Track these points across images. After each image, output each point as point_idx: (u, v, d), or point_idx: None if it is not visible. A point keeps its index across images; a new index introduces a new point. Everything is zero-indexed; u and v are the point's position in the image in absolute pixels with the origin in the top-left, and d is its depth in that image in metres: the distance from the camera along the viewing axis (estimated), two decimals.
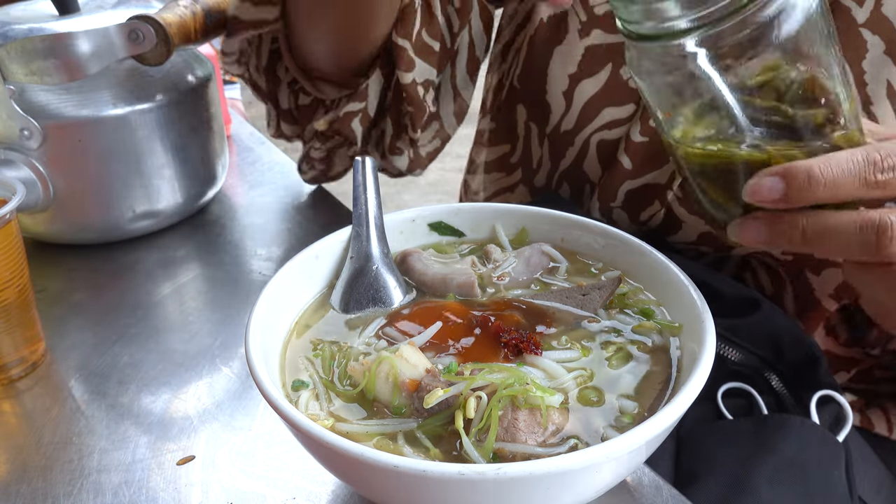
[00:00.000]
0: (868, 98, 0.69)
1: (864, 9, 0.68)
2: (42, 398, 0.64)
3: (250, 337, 0.48)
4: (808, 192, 0.48)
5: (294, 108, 0.93)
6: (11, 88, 0.76)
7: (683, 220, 0.78)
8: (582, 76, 0.80)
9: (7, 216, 0.62)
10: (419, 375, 0.47)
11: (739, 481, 0.62)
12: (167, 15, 0.76)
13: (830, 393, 0.68)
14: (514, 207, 0.64)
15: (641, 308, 0.55)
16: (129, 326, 0.73)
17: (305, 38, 0.84)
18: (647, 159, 0.78)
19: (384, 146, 0.91)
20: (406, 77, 0.83)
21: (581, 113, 0.81)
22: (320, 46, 0.85)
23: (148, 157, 0.83)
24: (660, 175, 0.78)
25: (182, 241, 0.88)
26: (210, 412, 0.62)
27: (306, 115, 0.93)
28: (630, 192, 0.80)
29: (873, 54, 0.68)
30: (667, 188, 0.78)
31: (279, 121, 0.94)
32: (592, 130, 0.81)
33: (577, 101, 0.81)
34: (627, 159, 0.78)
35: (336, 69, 0.86)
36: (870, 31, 0.68)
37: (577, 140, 0.82)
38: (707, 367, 0.45)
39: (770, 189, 0.48)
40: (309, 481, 0.54)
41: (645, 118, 0.76)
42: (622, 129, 0.79)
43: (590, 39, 0.78)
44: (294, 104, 0.93)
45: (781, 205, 0.49)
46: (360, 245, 0.59)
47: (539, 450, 0.44)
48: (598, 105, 0.80)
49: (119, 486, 0.55)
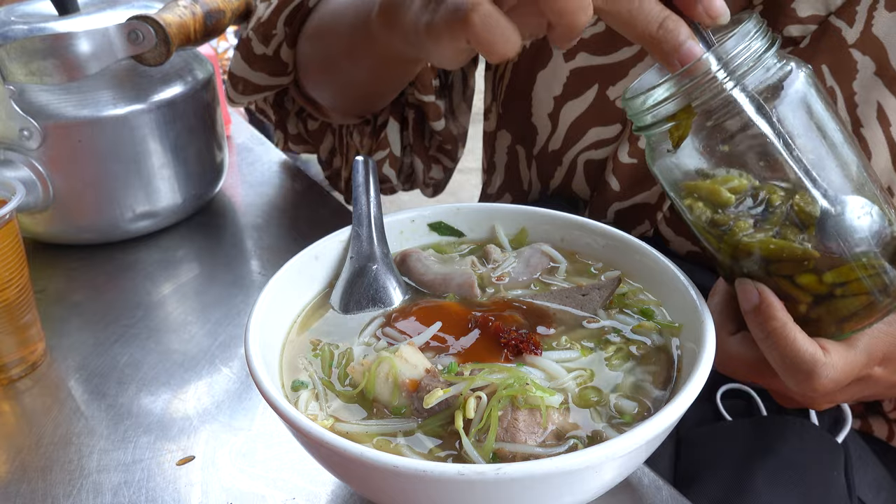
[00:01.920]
0: (858, 120, 0.67)
1: (854, 29, 0.66)
2: (42, 398, 0.64)
3: (250, 337, 0.48)
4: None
5: (304, 132, 0.99)
6: (11, 88, 0.76)
7: (670, 239, 0.78)
8: (567, 97, 0.79)
9: (7, 216, 0.62)
10: (419, 375, 0.47)
11: (739, 482, 0.62)
12: (167, 15, 0.76)
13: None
14: (513, 207, 0.64)
15: (641, 308, 0.55)
16: (129, 326, 0.73)
17: (320, 98, 0.90)
18: (636, 181, 0.77)
19: (417, 181, 0.97)
20: (438, 125, 0.89)
21: (567, 133, 0.80)
22: (334, 104, 0.89)
23: (148, 157, 0.83)
24: (649, 196, 0.78)
25: (182, 241, 0.88)
26: (210, 412, 0.62)
27: (317, 137, 0.98)
28: (620, 212, 0.80)
29: (863, 75, 0.66)
30: (656, 209, 0.78)
31: (287, 141, 1.00)
32: (579, 150, 0.80)
33: (563, 122, 0.80)
34: (615, 181, 0.78)
35: (348, 116, 0.92)
36: (860, 52, 0.66)
37: (565, 160, 0.82)
38: (707, 367, 0.45)
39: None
40: (309, 481, 0.54)
41: (633, 139, 0.76)
42: (609, 148, 0.79)
43: (575, 62, 0.78)
44: (304, 129, 0.98)
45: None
46: (360, 245, 0.59)
47: (539, 450, 0.44)
48: (584, 125, 0.79)
49: (119, 486, 0.55)
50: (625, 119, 0.77)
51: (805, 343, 0.50)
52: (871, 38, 0.66)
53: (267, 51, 0.85)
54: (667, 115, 0.48)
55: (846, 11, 0.66)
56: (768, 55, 0.46)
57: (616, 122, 0.77)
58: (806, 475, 0.63)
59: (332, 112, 0.92)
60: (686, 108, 0.47)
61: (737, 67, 0.46)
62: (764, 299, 0.50)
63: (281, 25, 0.84)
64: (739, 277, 0.52)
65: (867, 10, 0.66)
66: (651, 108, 0.48)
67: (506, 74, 0.86)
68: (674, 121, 0.48)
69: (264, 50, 0.85)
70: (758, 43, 0.46)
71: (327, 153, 1.00)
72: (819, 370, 0.50)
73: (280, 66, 0.86)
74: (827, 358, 0.50)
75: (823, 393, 0.52)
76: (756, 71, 0.46)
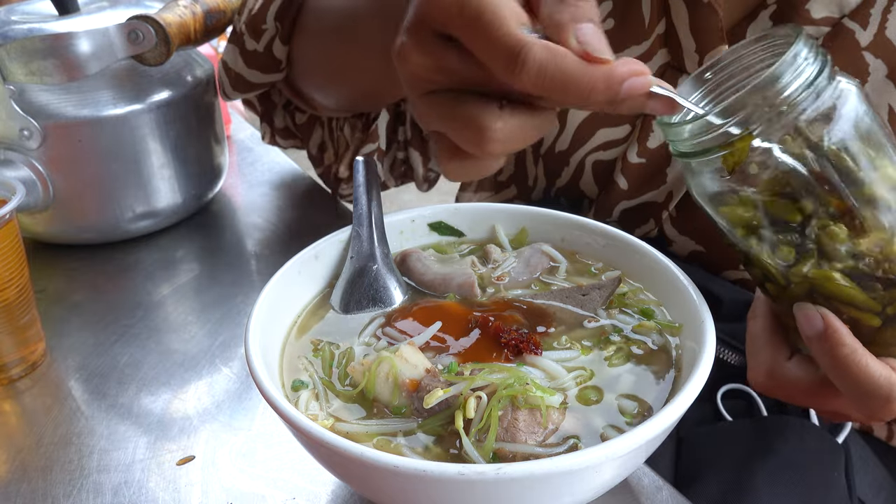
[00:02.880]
0: None
1: (868, 32, 0.65)
2: (42, 398, 0.64)
3: (250, 337, 0.48)
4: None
5: (292, 125, 0.95)
6: (11, 88, 0.76)
7: (673, 238, 0.78)
8: None
9: (7, 216, 0.62)
10: (419, 375, 0.47)
11: (739, 482, 0.62)
12: (167, 15, 0.76)
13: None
14: (514, 207, 0.64)
15: (641, 308, 0.55)
16: (129, 326, 0.73)
17: (314, 98, 0.86)
18: (645, 180, 0.77)
19: (415, 175, 0.94)
20: None
21: (575, 134, 0.80)
22: (329, 104, 0.87)
23: (148, 157, 0.83)
24: (657, 195, 0.77)
25: (182, 241, 0.88)
26: (210, 412, 0.62)
27: (306, 131, 0.95)
28: (626, 211, 0.80)
29: (875, 78, 0.66)
30: (663, 208, 0.77)
31: (274, 135, 0.96)
32: (587, 151, 0.80)
33: (570, 123, 0.79)
34: (624, 180, 0.77)
35: (342, 113, 0.89)
36: (872, 55, 0.66)
37: (573, 161, 0.81)
38: (707, 367, 0.45)
39: None
40: (309, 481, 0.54)
41: (642, 139, 0.75)
42: (618, 149, 0.78)
43: None
44: (292, 122, 0.95)
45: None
46: (360, 245, 0.59)
47: (539, 450, 0.43)
48: (592, 126, 0.78)
49: (119, 486, 0.55)
50: (634, 120, 0.77)
51: (878, 369, 0.47)
52: (885, 41, 0.65)
53: (258, 47, 0.81)
54: (719, 145, 0.45)
55: (860, 14, 0.66)
56: (822, 77, 0.43)
57: (625, 122, 0.77)
58: (806, 476, 0.63)
59: (323, 108, 0.89)
60: (745, 136, 0.44)
61: (793, 92, 0.43)
62: (829, 325, 0.47)
63: (271, 20, 0.80)
64: (798, 302, 0.49)
65: (881, 12, 0.65)
66: (697, 137, 0.45)
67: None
68: (728, 149, 0.44)
69: (255, 46, 0.81)
70: (812, 65, 0.43)
71: (317, 148, 0.96)
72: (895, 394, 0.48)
73: (272, 62, 0.82)
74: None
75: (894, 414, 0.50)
76: (811, 94, 0.43)
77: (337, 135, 0.93)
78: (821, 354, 0.48)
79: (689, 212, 0.77)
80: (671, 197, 0.76)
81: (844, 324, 0.47)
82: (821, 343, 0.48)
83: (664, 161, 0.76)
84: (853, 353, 0.47)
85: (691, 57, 0.71)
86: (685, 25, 0.71)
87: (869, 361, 0.47)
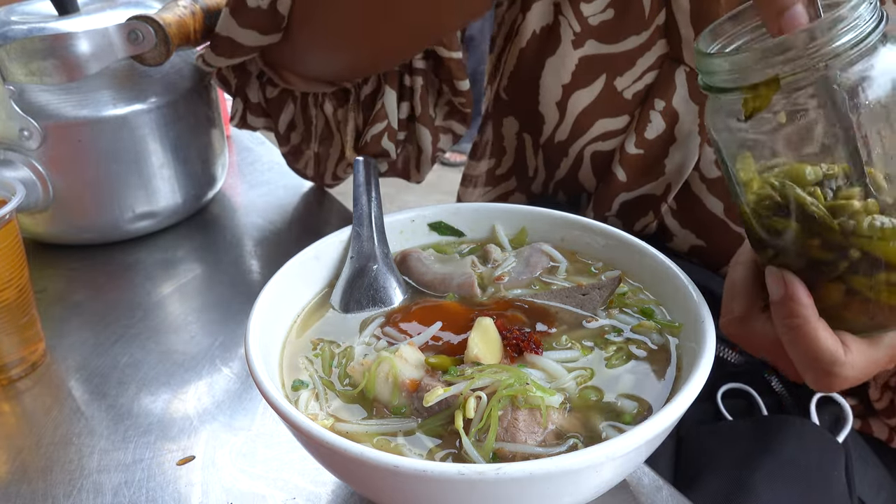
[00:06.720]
0: None
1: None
2: (42, 398, 0.64)
3: (250, 337, 0.48)
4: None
5: (263, 101, 0.90)
6: (11, 88, 0.76)
7: (675, 232, 0.78)
8: (576, 86, 0.78)
9: (7, 216, 0.62)
10: (419, 375, 0.47)
11: (739, 481, 0.62)
12: (167, 15, 0.76)
13: (830, 394, 0.68)
14: (513, 207, 0.64)
15: (641, 308, 0.55)
16: (129, 327, 0.73)
17: (310, 63, 0.82)
18: (642, 172, 0.77)
19: (424, 154, 0.90)
20: (464, 84, 0.84)
21: (575, 124, 0.80)
22: (326, 70, 0.83)
23: (148, 157, 0.83)
24: (655, 187, 0.77)
25: (182, 241, 0.88)
26: (210, 412, 0.62)
27: (276, 106, 0.89)
28: (625, 203, 0.80)
29: None
30: (661, 200, 0.77)
31: (245, 113, 0.90)
32: (586, 142, 0.80)
33: (570, 112, 0.80)
34: (622, 171, 0.78)
35: (320, 84, 0.85)
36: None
37: (571, 151, 0.82)
38: (707, 367, 0.45)
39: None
40: (309, 481, 0.54)
41: (640, 130, 0.75)
42: (616, 140, 0.79)
43: (584, 50, 0.77)
44: (262, 97, 0.89)
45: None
46: (360, 245, 0.59)
47: (539, 450, 0.44)
48: (591, 116, 0.79)
49: (119, 486, 0.55)
50: (632, 110, 0.77)
51: (827, 341, 0.48)
52: None
53: (261, 3, 0.74)
54: (747, 84, 0.43)
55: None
56: (875, 35, 0.41)
57: (624, 113, 0.77)
58: (806, 475, 0.63)
59: (297, 79, 0.83)
60: (771, 80, 0.42)
61: (840, 46, 0.41)
62: (789, 293, 0.48)
63: None
64: (769, 266, 0.49)
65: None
66: (731, 71, 0.43)
67: (509, 60, 0.85)
68: (753, 92, 0.43)
69: (258, 2, 0.74)
70: (868, 22, 0.41)
71: (286, 126, 0.90)
72: (837, 370, 0.48)
73: (275, 20, 0.75)
74: (848, 357, 0.48)
75: (839, 387, 0.50)
76: (859, 52, 0.41)
77: (312, 112, 0.88)
78: (777, 319, 0.49)
79: (689, 203, 0.77)
80: (669, 189, 0.77)
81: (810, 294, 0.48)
82: (776, 307, 0.49)
83: (662, 152, 0.76)
84: (806, 322, 0.48)
85: (690, 47, 0.71)
86: (685, 15, 0.71)
87: (820, 333, 0.48)
